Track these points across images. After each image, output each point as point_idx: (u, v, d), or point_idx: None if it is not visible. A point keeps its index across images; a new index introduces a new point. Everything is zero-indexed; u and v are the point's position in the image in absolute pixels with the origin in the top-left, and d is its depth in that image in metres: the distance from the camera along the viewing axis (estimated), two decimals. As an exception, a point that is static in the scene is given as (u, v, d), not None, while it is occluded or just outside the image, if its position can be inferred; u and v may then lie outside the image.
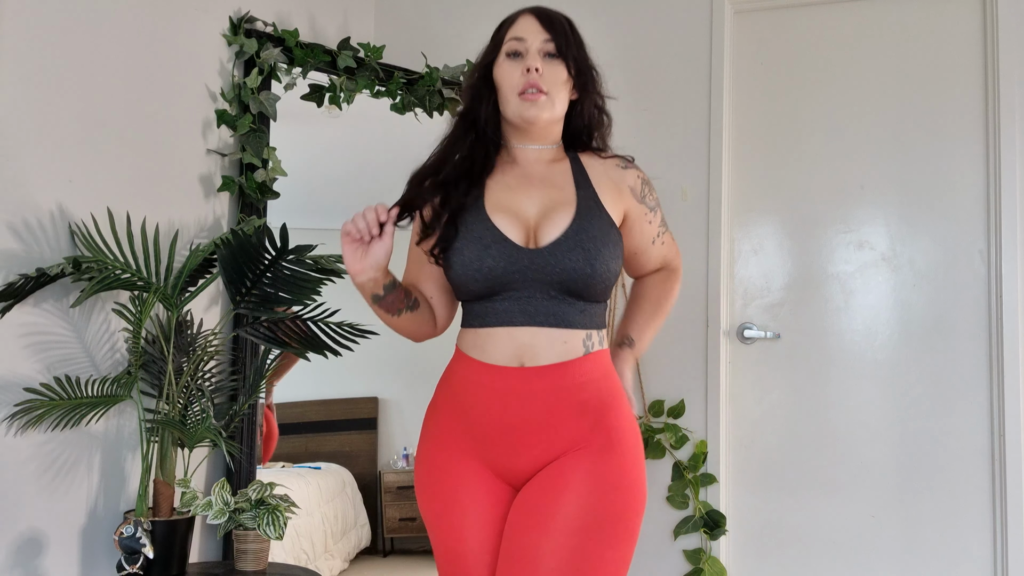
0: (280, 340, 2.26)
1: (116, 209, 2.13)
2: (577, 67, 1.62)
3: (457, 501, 1.55)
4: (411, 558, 3.48)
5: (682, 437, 2.74)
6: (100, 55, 2.12)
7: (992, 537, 2.55)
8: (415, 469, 1.67)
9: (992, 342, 2.57)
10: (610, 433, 1.53)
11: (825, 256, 2.76)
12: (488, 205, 1.58)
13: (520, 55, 1.61)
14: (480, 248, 1.53)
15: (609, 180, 1.67)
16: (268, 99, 2.50)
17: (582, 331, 1.55)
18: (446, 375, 1.64)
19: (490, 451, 1.55)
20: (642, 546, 2.77)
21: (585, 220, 1.55)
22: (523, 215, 1.57)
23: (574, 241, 1.52)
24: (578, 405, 1.52)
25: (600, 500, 1.47)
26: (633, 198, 1.68)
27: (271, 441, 2.95)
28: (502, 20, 1.69)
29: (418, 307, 1.65)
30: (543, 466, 1.53)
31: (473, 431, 1.55)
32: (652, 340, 1.79)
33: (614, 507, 1.48)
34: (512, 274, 1.52)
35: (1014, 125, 2.57)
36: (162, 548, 2.01)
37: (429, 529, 1.61)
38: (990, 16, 2.63)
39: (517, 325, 1.52)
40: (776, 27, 2.85)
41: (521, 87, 1.58)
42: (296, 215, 2.74)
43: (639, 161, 2.10)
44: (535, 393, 1.51)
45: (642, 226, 1.70)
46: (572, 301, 1.54)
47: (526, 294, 1.53)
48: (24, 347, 1.94)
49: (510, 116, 1.62)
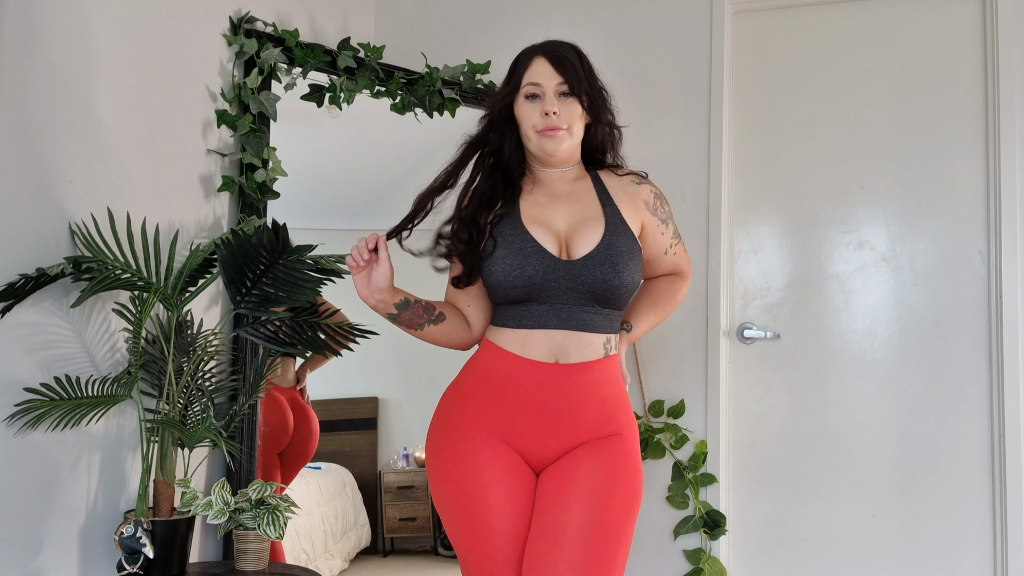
0: (280, 340, 2.26)
1: (116, 209, 2.13)
2: (590, 99, 1.82)
3: (489, 480, 1.74)
4: (411, 558, 3.49)
5: (682, 437, 2.74)
6: (100, 55, 2.12)
7: (992, 537, 2.55)
8: (434, 453, 1.81)
9: (992, 342, 2.58)
10: (622, 425, 1.80)
11: (825, 256, 2.76)
12: (524, 219, 1.80)
13: (538, 97, 1.81)
14: (521, 258, 1.74)
15: (627, 195, 1.88)
16: (268, 99, 2.50)
17: (604, 335, 1.78)
18: (475, 367, 1.83)
19: (522, 436, 1.76)
20: (642, 546, 2.77)
21: (614, 236, 1.77)
22: (555, 228, 1.79)
23: (605, 255, 1.74)
24: (600, 399, 1.77)
25: (615, 473, 1.74)
26: (648, 211, 1.89)
27: (311, 440, 2.91)
28: (517, 58, 1.86)
29: (443, 320, 1.86)
30: (566, 452, 1.76)
31: (505, 418, 1.76)
32: (648, 331, 2.01)
33: (627, 479, 1.75)
34: (549, 282, 1.74)
35: (1014, 125, 2.57)
36: (162, 548, 2.01)
37: (450, 507, 1.76)
38: (990, 16, 2.63)
39: (552, 328, 1.75)
40: (776, 27, 2.86)
41: (541, 127, 1.80)
42: (296, 215, 2.75)
43: (639, 161, 2.11)
44: (567, 387, 1.74)
45: (655, 237, 1.91)
46: (598, 308, 1.77)
47: (560, 300, 1.75)
48: (24, 347, 1.94)
49: (533, 150, 1.84)
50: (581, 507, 1.68)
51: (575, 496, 1.69)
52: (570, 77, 1.79)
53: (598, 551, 1.66)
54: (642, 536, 2.77)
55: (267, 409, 2.67)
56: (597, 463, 1.73)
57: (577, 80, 1.79)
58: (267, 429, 2.63)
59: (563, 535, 1.66)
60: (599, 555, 1.66)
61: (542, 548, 1.66)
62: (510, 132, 1.87)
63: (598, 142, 1.90)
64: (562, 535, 1.66)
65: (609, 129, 1.89)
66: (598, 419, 1.76)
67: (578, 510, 1.68)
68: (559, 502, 1.70)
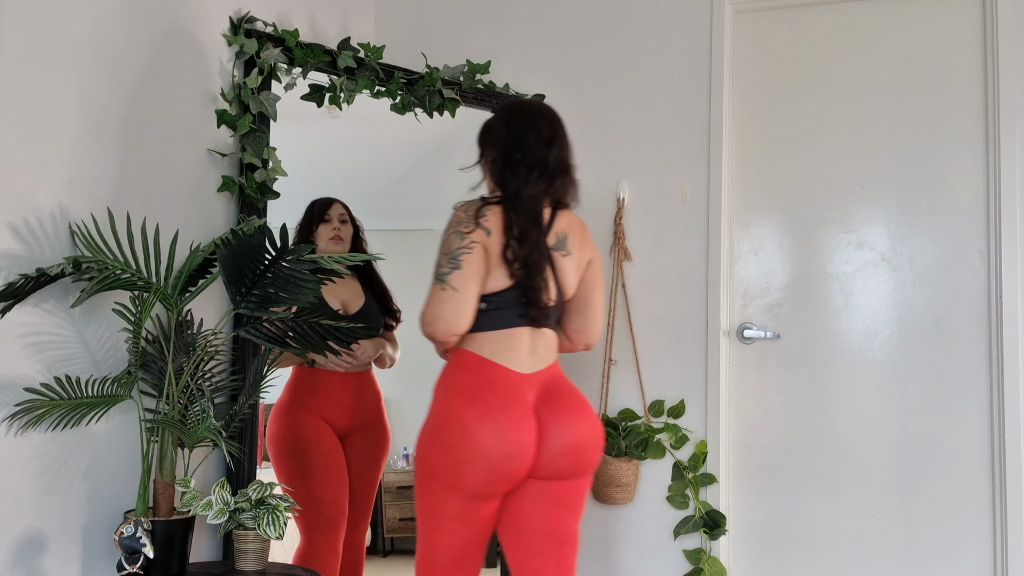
0: (280, 340, 2.26)
1: (116, 209, 2.13)
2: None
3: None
4: (411, 558, 3.47)
5: (682, 437, 2.74)
6: (100, 55, 2.12)
7: (992, 537, 2.55)
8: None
9: (992, 342, 2.57)
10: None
11: (825, 256, 2.76)
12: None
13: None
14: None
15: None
16: (268, 99, 2.50)
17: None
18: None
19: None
20: (642, 546, 2.77)
21: None
22: None
23: None
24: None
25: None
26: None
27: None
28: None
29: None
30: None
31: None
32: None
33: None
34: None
35: (1014, 125, 2.57)
36: (162, 548, 2.01)
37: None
38: (990, 16, 2.63)
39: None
40: (776, 27, 2.85)
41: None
42: (296, 215, 2.75)
43: (639, 160, 2.10)
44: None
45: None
46: None
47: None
48: (24, 347, 1.94)
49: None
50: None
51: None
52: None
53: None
54: (642, 536, 2.78)
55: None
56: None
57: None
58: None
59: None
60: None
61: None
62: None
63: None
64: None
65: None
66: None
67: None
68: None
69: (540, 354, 1.99)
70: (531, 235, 1.95)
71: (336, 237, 2.76)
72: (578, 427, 1.94)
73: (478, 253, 1.92)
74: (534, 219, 1.97)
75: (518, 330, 1.96)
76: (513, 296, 1.95)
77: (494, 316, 1.95)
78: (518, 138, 2.00)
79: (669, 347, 2.80)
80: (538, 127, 2.02)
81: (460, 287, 1.90)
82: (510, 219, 1.95)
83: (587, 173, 2.92)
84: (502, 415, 1.87)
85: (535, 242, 1.95)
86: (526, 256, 1.93)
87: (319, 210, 2.78)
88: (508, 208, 1.97)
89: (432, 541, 1.98)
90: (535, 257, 1.94)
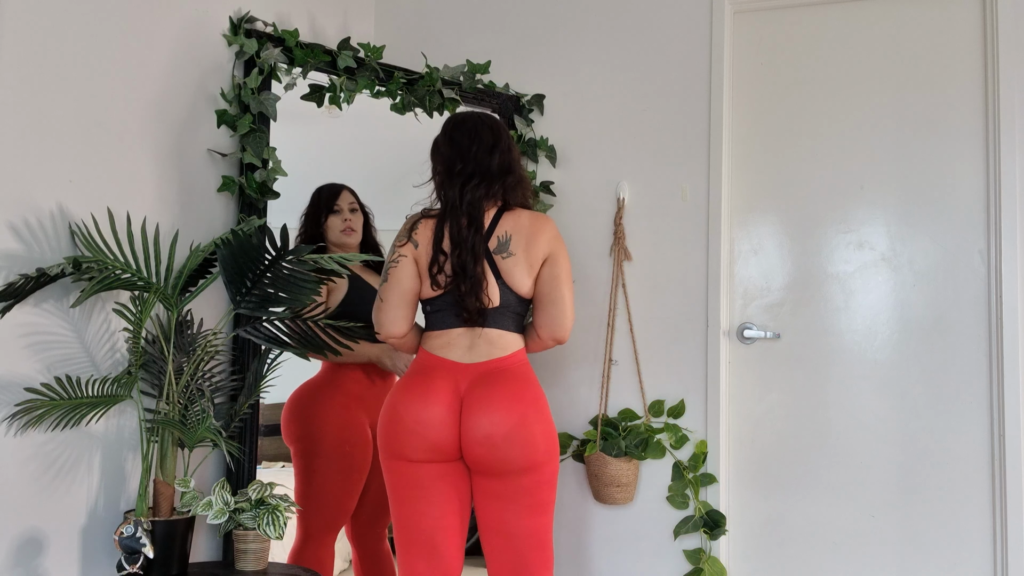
0: (280, 340, 2.26)
1: (116, 209, 2.13)
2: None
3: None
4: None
5: (682, 437, 2.74)
6: (100, 55, 2.12)
7: (992, 537, 2.55)
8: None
9: (992, 342, 2.57)
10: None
11: (825, 256, 2.76)
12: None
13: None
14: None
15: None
16: (268, 99, 2.50)
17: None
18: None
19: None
20: (642, 546, 2.77)
21: None
22: None
23: None
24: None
25: None
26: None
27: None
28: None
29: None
30: None
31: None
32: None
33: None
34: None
35: (1014, 125, 2.57)
36: (162, 548, 2.01)
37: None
38: (990, 16, 2.63)
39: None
40: (776, 27, 2.85)
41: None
42: (296, 215, 2.75)
43: (639, 160, 2.10)
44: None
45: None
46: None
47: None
48: (24, 347, 1.94)
49: None
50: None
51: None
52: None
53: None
54: (642, 536, 2.78)
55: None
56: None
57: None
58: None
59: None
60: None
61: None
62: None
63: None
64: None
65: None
66: None
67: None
68: None
69: (480, 351, 2.09)
70: (466, 242, 2.06)
71: (348, 229, 2.69)
72: (491, 418, 2.00)
73: (405, 266, 2.09)
74: (471, 225, 2.07)
75: (455, 330, 2.10)
76: (450, 300, 2.08)
77: (436, 317, 2.12)
78: (461, 150, 2.12)
79: (669, 347, 2.80)
80: (480, 136, 2.14)
81: (386, 298, 2.10)
82: (442, 231, 2.07)
83: (587, 173, 2.93)
84: (421, 389, 2.05)
85: (470, 248, 2.06)
86: (456, 264, 2.05)
87: (327, 198, 2.70)
88: (443, 219, 2.09)
89: (400, 515, 2.08)
90: (467, 263, 2.05)
